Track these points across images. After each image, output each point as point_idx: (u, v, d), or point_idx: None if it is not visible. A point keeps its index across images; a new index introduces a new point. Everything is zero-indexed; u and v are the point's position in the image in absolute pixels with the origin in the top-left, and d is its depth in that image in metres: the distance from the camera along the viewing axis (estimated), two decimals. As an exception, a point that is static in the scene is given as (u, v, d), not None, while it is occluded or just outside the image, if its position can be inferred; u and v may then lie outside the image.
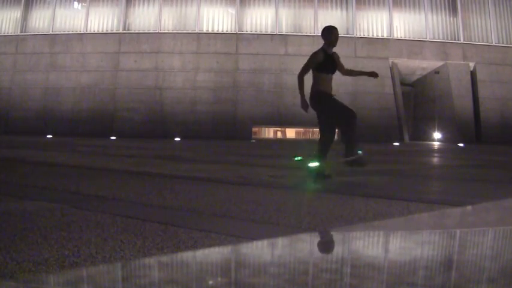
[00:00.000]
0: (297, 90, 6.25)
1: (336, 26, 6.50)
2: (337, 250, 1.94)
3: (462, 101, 28.69)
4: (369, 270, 1.53)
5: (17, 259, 2.39)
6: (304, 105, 6.24)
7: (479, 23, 29.98)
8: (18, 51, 30.18)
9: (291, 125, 28.62)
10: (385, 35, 28.96)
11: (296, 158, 6.63)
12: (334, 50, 6.41)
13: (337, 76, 6.37)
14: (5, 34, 30.74)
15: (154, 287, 1.30)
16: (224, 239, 2.91)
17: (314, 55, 6.31)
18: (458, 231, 2.43)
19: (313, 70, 6.29)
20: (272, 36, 28.62)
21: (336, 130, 6.52)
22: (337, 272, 1.55)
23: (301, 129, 29.76)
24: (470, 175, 8.17)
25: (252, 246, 2.05)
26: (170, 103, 28.34)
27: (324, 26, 6.53)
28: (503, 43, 29.82)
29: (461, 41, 29.41)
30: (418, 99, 31.60)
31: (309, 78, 6.23)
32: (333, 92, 6.33)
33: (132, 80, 28.67)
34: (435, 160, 13.49)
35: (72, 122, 28.46)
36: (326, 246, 2.01)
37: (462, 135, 27.56)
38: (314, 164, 6.07)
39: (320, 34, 6.46)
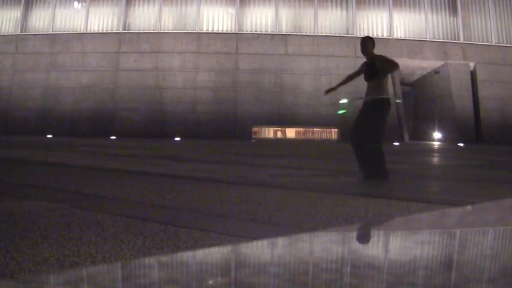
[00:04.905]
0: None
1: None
2: (337, 250, 1.94)
3: (462, 100, 28.68)
4: (369, 270, 1.53)
5: (17, 259, 2.39)
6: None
7: (479, 23, 29.97)
8: (18, 51, 30.17)
9: (291, 124, 28.60)
10: (385, 35, 28.93)
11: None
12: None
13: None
14: (5, 34, 30.72)
15: (154, 287, 1.30)
16: (224, 239, 2.91)
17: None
18: (458, 231, 2.43)
19: None
20: (272, 36, 28.61)
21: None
22: (337, 272, 1.54)
23: (301, 128, 29.72)
24: (470, 175, 8.17)
25: (252, 246, 2.04)
26: (170, 103, 28.34)
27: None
28: (503, 43, 29.81)
29: (461, 40, 29.40)
30: (418, 99, 31.58)
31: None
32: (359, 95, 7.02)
33: (132, 79, 28.66)
34: (435, 160, 13.49)
35: (72, 122, 28.46)
36: (326, 246, 2.01)
37: (462, 135, 27.54)
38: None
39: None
